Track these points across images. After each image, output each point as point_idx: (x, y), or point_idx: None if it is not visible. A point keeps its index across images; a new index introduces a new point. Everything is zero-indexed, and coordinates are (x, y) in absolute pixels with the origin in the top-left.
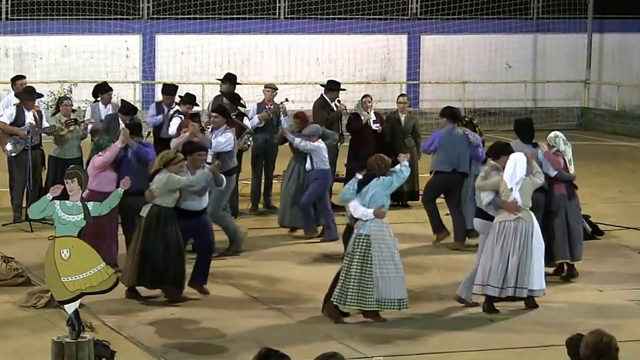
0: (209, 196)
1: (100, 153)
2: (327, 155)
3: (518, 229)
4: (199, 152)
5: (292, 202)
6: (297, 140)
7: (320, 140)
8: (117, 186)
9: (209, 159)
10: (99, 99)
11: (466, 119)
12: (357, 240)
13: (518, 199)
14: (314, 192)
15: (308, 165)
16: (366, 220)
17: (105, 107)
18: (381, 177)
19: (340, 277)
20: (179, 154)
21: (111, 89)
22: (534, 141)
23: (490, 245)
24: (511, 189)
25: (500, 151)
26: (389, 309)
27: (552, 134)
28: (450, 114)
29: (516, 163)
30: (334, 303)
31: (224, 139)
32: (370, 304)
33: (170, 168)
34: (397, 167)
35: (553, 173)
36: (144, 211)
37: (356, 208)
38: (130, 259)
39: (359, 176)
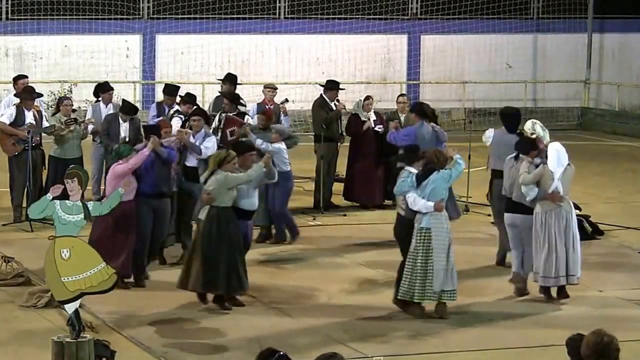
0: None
1: (120, 161)
2: (287, 157)
3: (561, 217)
4: (250, 152)
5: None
6: (258, 142)
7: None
8: (137, 194)
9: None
10: (100, 98)
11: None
12: (419, 235)
13: (560, 188)
14: (282, 196)
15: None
16: (425, 214)
17: (107, 106)
18: (440, 171)
19: (405, 272)
20: (231, 152)
21: (112, 89)
22: (518, 131)
23: (535, 237)
24: (553, 178)
25: (530, 147)
26: (445, 300)
27: (528, 122)
28: (419, 110)
29: (558, 152)
30: (401, 298)
31: (210, 144)
32: (429, 296)
33: (225, 167)
34: (455, 158)
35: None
36: (202, 214)
37: (416, 201)
38: (197, 263)
39: (412, 169)
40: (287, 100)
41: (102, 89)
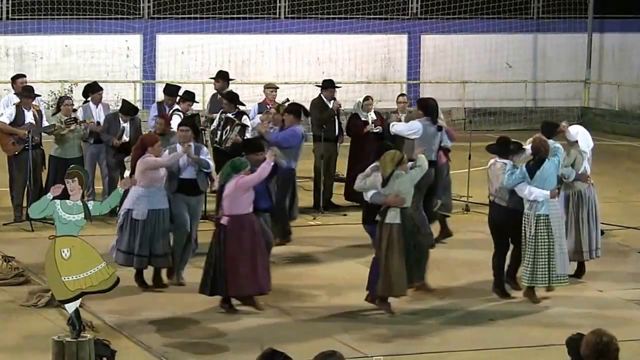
0: None
1: (240, 174)
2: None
3: (590, 196)
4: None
5: None
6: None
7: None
8: (255, 208)
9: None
10: (89, 99)
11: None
12: (537, 221)
13: (588, 169)
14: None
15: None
16: (542, 201)
17: (97, 107)
18: (550, 159)
19: (528, 259)
20: (398, 152)
21: (101, 89)
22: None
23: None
24: (584, 159)
25: (554, 130)
26: (559, 285)
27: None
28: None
29: (585, 134)
30: (527, 285)
31: (209, 156)
32: (553, 280)
33: (401, 167)
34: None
35: (450, 144)
36: (392, 217)
37: (531, 191)
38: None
39: (508, 162)
40: (288, 101)
41: (92, 90)
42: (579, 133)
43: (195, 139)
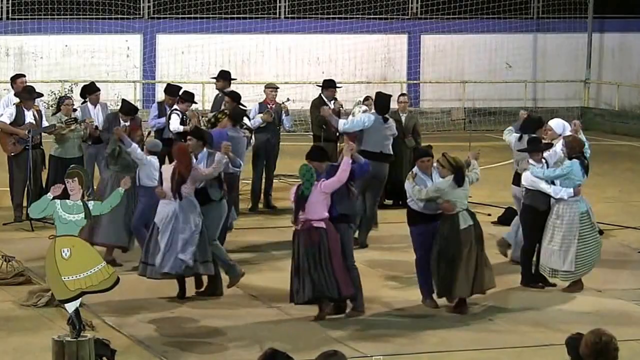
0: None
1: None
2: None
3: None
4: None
5: None
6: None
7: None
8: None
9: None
10: (87, 99)
11: None
12: (582, 219)
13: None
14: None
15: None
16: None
17: (95, 107)
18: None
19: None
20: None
21: (98, 90)
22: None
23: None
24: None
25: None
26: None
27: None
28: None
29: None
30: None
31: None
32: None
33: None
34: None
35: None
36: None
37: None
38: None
39: (534, 162)
40: (288, 100)
41: (89, 90)
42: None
43: (203, 146)
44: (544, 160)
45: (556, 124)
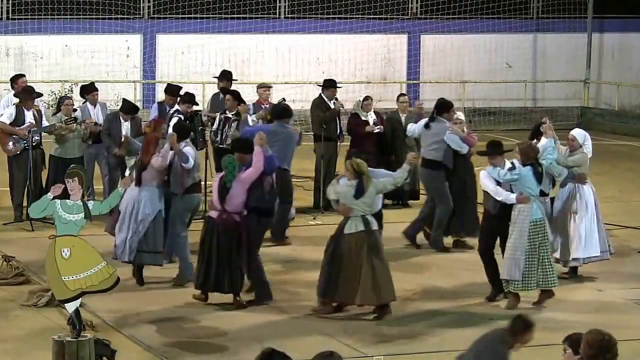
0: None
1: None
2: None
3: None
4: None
5: None
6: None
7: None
8: (246, 205)
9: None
10: (86, 99)
11: None
12: (533, 227)
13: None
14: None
15: None
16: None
17: (94, 107)
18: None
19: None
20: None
21: (96, 90)
22: None
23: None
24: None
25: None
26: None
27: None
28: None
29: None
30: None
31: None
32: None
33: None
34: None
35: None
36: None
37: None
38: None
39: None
40: (284, 100)
41: (86, 90)
42: (586, 138)
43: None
44: (510, 164)
45: (579, 134)
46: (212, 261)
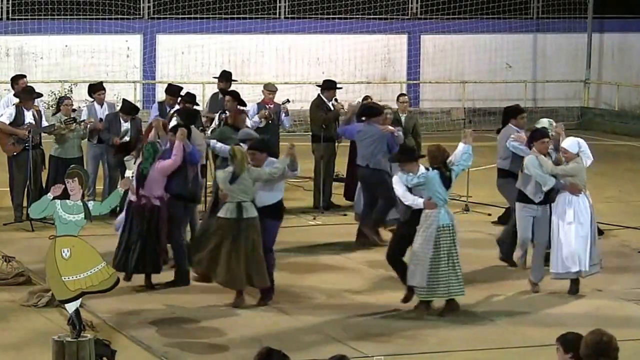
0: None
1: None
2: None
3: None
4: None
5: None
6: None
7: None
8: (166, 189)
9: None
10: (94, 98)
11: None
12: (440, 233)
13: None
14: None
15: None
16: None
17: (101, 107)
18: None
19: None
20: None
21: (103, 89)
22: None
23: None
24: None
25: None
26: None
27: (545, 120)
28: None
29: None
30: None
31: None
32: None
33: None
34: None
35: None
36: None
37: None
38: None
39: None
40: (288, 101)
41: (93, 90)
42: (582, 144)
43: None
44: (425, 169)
45: (570, 144)
46: (131, 243)
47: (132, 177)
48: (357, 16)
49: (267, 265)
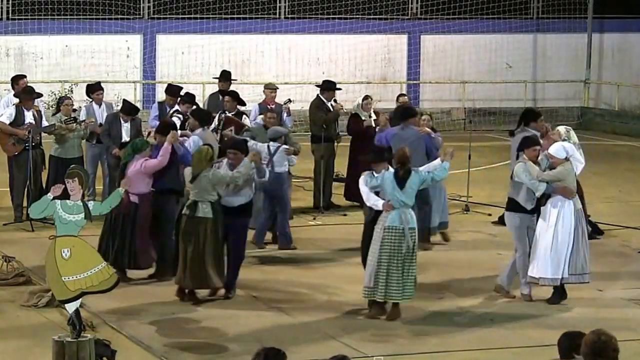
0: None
1: (138, 156)
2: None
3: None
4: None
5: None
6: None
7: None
8: (157, 184)
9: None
10: (92, 98)
11: None
12: (386, 234)
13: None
14: None
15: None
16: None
17: (100, 107)
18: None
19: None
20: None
21: (101, 89)
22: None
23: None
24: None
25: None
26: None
27: (562, 128)
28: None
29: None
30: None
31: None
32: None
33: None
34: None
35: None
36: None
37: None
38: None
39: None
40: (290, 101)
41: (91, 90)
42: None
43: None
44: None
45: (556, 150)
46: (111, 238)
47: None
48: (357, 16)
49: (230, 264)
